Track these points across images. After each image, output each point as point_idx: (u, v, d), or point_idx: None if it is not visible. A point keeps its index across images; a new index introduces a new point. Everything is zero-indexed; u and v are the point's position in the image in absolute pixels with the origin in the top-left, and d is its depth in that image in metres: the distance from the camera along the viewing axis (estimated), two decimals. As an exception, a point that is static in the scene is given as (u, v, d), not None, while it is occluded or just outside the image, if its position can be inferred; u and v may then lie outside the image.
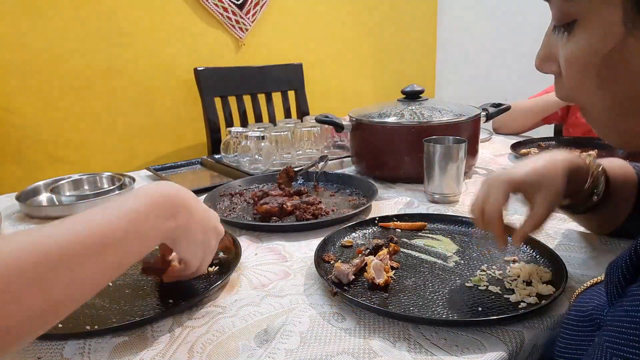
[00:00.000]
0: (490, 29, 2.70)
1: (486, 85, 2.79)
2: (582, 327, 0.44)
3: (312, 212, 0.89)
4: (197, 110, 1.88)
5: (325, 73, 2.52)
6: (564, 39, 0.40)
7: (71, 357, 0.52)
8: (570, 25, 0.38)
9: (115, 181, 1.14)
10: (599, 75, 0.37)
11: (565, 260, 0.64)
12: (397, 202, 0.99)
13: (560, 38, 0.40)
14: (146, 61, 1.96)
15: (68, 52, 1.79)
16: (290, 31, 2.36)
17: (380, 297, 0.60)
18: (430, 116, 1.09)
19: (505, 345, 0.51)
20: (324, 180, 1.14)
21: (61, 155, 1.85)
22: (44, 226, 0.42)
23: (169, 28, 1.99)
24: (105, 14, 1.83)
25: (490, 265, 0.67)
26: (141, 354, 0.52)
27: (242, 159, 1.27)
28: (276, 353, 0.51)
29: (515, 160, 1.28)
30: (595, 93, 0.39)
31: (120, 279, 0.68)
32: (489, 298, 0.59)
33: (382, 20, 2.71)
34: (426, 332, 0.54)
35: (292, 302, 0.61)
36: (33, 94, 1.75)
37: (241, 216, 0.94)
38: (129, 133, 1.99)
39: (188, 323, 0.58)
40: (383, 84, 2.80)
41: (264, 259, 0.75)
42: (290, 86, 2.02)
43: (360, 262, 0.66)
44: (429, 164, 0.96)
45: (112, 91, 1.91)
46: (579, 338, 0.44)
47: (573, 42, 0.38)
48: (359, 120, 1.14)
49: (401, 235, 0.80)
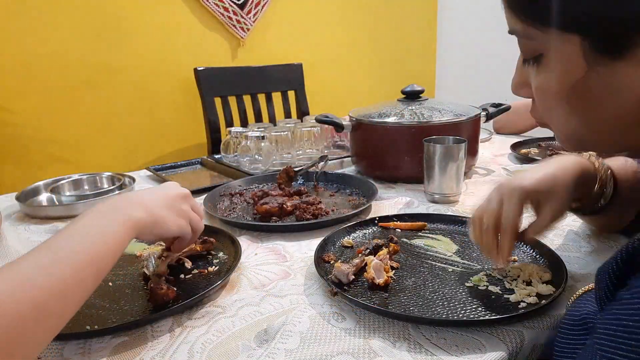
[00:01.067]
0: (490, 29, 2.70)
1: (486, 85, 2.79)
2: (576, 332, 0.45)
3: (312, 212, 0.89)
4: (197, 110, 1.88)
5: (325, 73, 2.52)
6: (534, 70, 0.41)
7: (71, 357, 0.52)
8: (537, 59, 0.40)
9: (115, 181, 1.14)
10: (569, 103, 0.39)
11: (565, 260, 0.64)
12: (397, 202, 0.99)
13: (530, 68, 0.42)
14: (146, 61, 1.97)
15: (68, 52, 1.79)
16: (290, 31, 2.36)
17: (380, 297, 0.60)
18: (430, 116, 1.09)
19: (505, 345, 0.51)
20: (324, 180, 1.14)
21: (61, 155, 1.85)
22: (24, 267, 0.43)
23: (169, 28, 1.99)
24: (105, 14, 1.83)
25: (490, 265, 0.67)
26: (141, 354, 0.52)
27: (242, 159, 1.27)
28: (276, 353, 0.51)
29: (515, 160, 1.28)
30: (567, 119, 0.41)
31: (120, 279, 0.68)
32: (489, 298, 0.59)
33: (382, 20, 2.71)
34: (426, 332, 0.54)
35: (292, 302, 0.61)
36: (33, 94, 1.75)
37: (241, 216, 0.94)
38: (129, 133, 1.99)
39: (188, 323, 0.58)
40: (383, 84, 2.80)
41: (264, 259, 0.75)
42: (290, 86, 2.02)
43: (360, 262, 0.65)
44: (429, 164, 0.96)
45: (112, 91, 1.91)
46: (573, 342, 0.45)
47: (542, 74, 0.41)
48: (359, 120, 1.14)
49: (401, 235, 0.80)
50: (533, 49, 0.40)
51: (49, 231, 0.91)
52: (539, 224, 0.61)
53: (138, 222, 0.54)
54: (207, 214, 0.93)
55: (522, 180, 0.61)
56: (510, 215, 0.59)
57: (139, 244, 0.80)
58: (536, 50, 0.40)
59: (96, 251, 0.48)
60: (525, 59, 0.42)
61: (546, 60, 0.39)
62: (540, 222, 0.61)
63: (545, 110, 0.43)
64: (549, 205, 0.60)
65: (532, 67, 0.41)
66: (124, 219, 0.53)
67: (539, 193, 0.60)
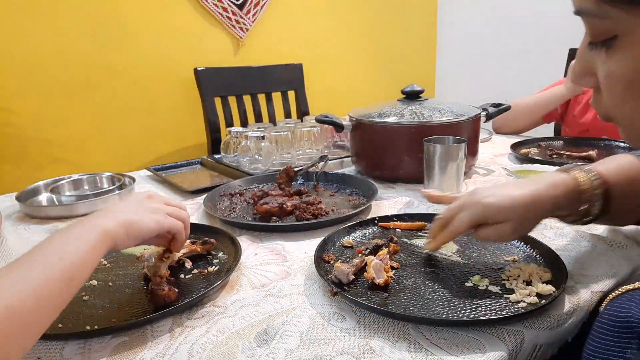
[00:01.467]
0: (490, 29, 2.70)
1: (486, 85, 2.79)
2: (617, 334, 0.41)
3: (312, 212, 0.89)
4: (197, 110, 1.88)
5: (325, 73, 2.52)
6: (603, 55, 0.37)
7: (71, 357, 0.52)
8: (609, 42, 0.36)
9: (115, 181, 1.14)
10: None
11: (565, 260, 0.64)
12: (397, 202, 0.99)
13: (598, 54, 0.37)
14: (146, 61, 1.97)
15: (68, 52, 1.79)
16: (290, 31, 2.36)
17: (380, 297, 0.60)
18: (430, 116, 1.09)
19: (505, 345, 0.51)
20: (324, 180, 1.14)
21: (61, 155, 1.85)
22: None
23: (169, 28, 1.99)
24: (105, 14, 1.84)
25: (490, 265, 0.67)
26: (141, 354, 0.52)
27: (242, 159, 1.27)
28: (276, 353, 0.51)
29: (515, 160, 1.28)
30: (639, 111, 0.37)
31: (120, 279, 0.68)
32: (489, 298, 0.59)
33: (382, 20, 2.71)
34: (426, 332, 0.54)
35: (292, 302, 0.61)
36: (33, 94, 1.76)
37: (241, 216, 0.94)
38: (129, 133, 1.99)
39: (188, 323, 0.58)
40: (383, 84, 2.80)
41: (264, 259, 0.75)
42: (290, 86, 2.02)
43: (360, 262, 0.65)
44: (429, 164, 0.96)
45: (112, 91, 1.91)
46: (613, 345, 0.41)
47: (614, 59, 0.36)
48: (359, 120, 1.14)
49: (401, 235, 0.80)
50: (605, 29, 0.35)
51: (49, 231, 0.91)
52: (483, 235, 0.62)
53: (109, 230, 0.54)
54: (207, 214, 0.93)
55: (489, 198, 0.61)
56: (459, 223, 0.63)
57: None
58: (609, 31, 0.35)
59: (71, 263, 0.48)
60: (592, 42, 0.37)
61: (622, 43, 0.35)
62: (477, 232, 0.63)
63: (616, 101, 0.38)
64: (501, 226, 0.60)
65: (600, 51, 0.37)
66: (92, 229, 0.53)
67: (501, 215, 0.60)
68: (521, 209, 0.60)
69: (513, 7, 2.53)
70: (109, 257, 0.76)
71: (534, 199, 0.60)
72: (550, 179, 0.63)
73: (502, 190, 0.62)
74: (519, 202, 0.60)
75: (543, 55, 2.45)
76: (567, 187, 0.62)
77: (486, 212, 0.61)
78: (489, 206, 0.61)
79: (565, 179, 0.62)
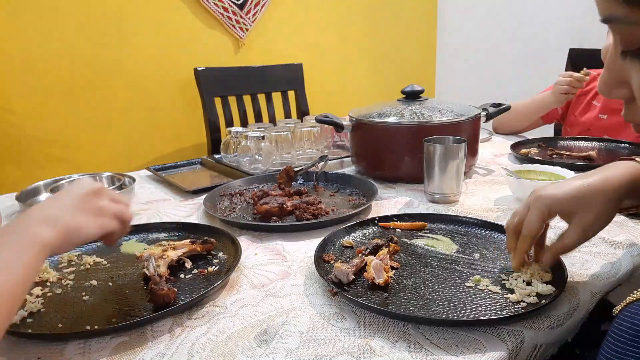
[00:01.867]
0: (490, 29, 2.70)
1: (486, 85, 2.79)
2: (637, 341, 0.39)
3: (312, 212, 0.89)
4: (197, 110, 1.88)
5: (325, 73, 2.52)
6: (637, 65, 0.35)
7: (71, 357, 0.52)
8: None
9: (115, 181, 1.14)
10: None
11: (565, 260, 0.64)
12: (397, 202, 0.99)
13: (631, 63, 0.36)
14: (146, 61, 1.97)
15: (68, 52, 1.79)
16: (290, 31, 2.36)
17: (380, 297, 0.60)
18: (430, 116, 1.09)
19: (505, 345, 0.51)
20: (324, 180, 1.14)
21: (61, 155, 1.85)
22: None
23: (169, 28, 1.99)
24: (105, 14, 1.83)
25: (490, 265, 0.67)
26: (141, 354, 0.52)
27: (242, 159, 1.27)
28: (276, 353, 0.51)
29: (515, 160, 1.28)
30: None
31: (120, 279, 0.68)
32: (489, 298, 0.59)
33: (382, 20, 2.71)
34: (426, 332, 0.54)
35: (292, 302, 0.61)
36: (33, 94, 1.75)
37: (241, 216, 0.94)
38: (129, 133, 1.99)
39: (188, 323, 0.58)
40: (383, 84, 2.80)
41: (264, 259, 0.75)
42: (290, 86, 2.02)
43: (360, 262, 0.65)
44: (429, 164, 0.96)
45: (112, 91, 1.91)
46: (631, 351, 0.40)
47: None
48: (359, 120, 1.14)
49: (401, 235, 0.80)
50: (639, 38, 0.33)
51: (49, 231, 0.90)
52: (562, 244, 0.59)
53: (47, 242, 0.49)
54: (207, 214, 0.93)
55: (551, 190, 0.59)
56: (529, 224, 0.59)
57: (139, 244, 0.80)
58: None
59: (2, 286, 0.44)
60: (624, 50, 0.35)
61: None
62: (564, 239, 0.59)
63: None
64: (578, 218, 0.58)
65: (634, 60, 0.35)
66: (30, 243, 0.48)
67: (569, 205, 0.58)
68: (592, 195, 0.57)
69: (513, 7, 2.54)
70: (109, 257, 0.76)
71: (605, 182, 0.58)
72: (614, 165, 0.61)
73: (565, 182, 0.61)
74: (585, 189, 0.58)
75: (543, 56, 2.45)
76: (636, 171, 0.59)
77: (551, 204, 0.59)
78: (553, 197, 0.59)
79: (633, 164, 0.61)
